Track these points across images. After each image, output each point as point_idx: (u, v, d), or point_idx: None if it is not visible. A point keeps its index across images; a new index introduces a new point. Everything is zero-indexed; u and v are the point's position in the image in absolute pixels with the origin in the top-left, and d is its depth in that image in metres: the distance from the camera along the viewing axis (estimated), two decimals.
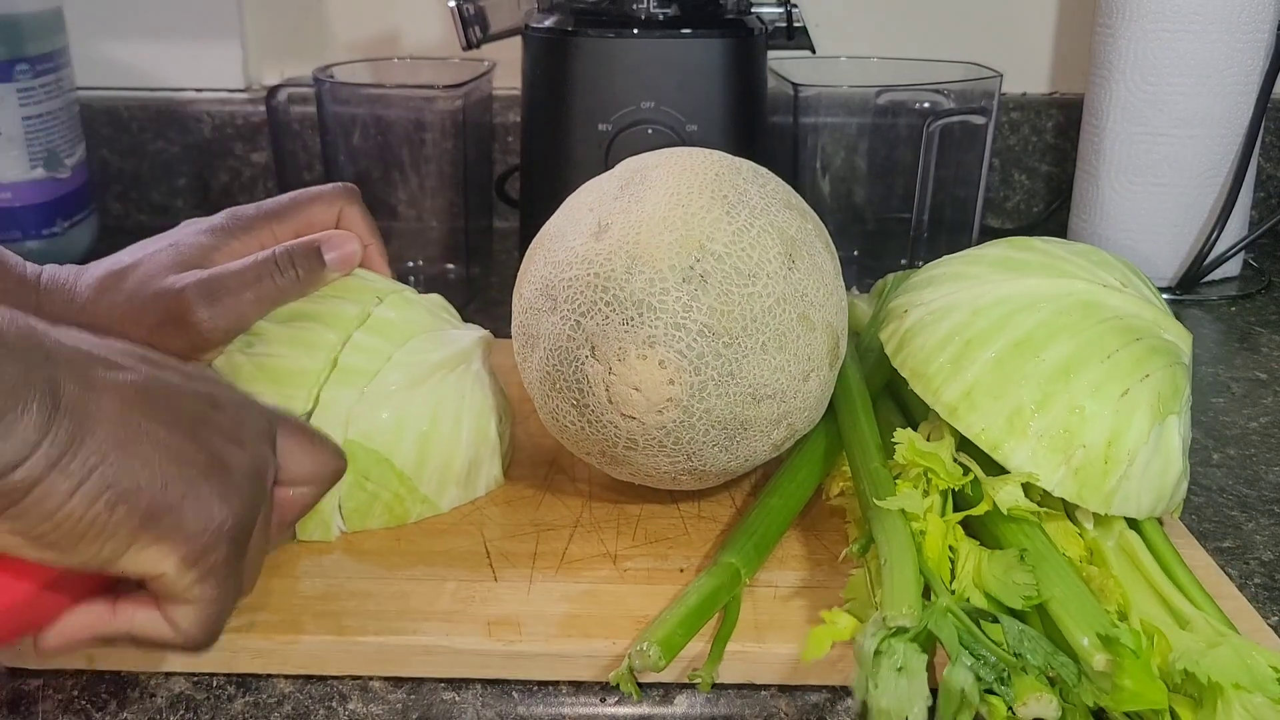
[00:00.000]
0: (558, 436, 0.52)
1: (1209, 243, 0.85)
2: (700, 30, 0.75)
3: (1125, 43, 0.84)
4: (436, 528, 0.53)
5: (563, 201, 0.53)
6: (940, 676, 0.40)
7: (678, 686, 0.45)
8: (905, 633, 0.40)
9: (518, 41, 0.80)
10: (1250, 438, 0.65)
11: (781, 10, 0.81)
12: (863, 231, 0.87)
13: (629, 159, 0.53)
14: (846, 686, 0.44)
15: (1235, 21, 0.81)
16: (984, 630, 0.41)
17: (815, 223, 0.52)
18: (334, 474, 0.43)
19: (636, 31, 0.74)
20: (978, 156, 0.82)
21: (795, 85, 0.81)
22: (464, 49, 0.81)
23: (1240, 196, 0.85)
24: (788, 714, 0.44)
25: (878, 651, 0.39)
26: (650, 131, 0.74)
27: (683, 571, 0.49)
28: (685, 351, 0.46)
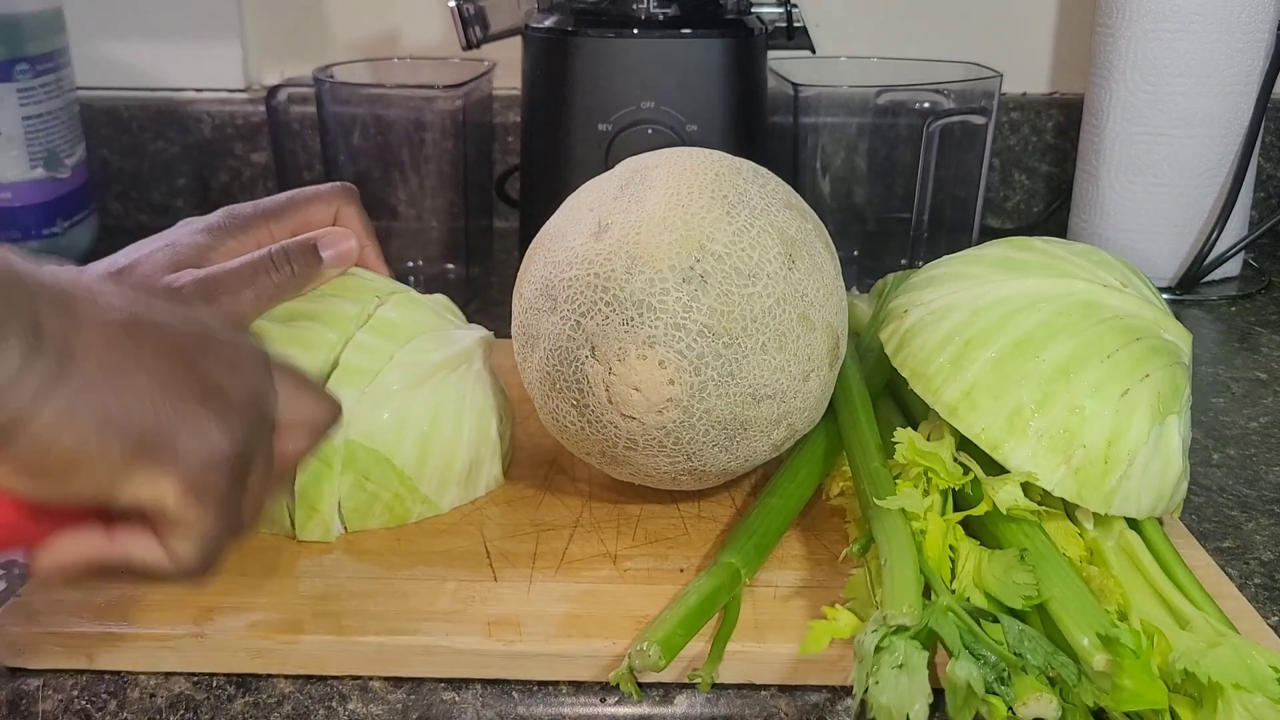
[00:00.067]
0: (558, 436, 0.52)
1: (1209, 243, 0.85)
2: (700, 30, 0.75)
3: (1125, 43, 0.84)
4: (436, 528, 0.53)
5: (563, 201, 0.53)
6: (940, 675, 0.40)
7: (678, 686, 0.45)
8: (906, 631, 0.40)
9: (518, 41, 0.80)
10: (1250, 438, 0.65)
11: (781, 10, 0.81)
12: (863, 231, 0.87)
13: (629, 159, 0.53)
14: (846, 686, 0.44)
15: (1235, 21, 0.81)
16: (984, 630, 0.41)
17: (815, 223, 0.52)
18: (330, 421, 0.43)
19: (636, 31, 0.74)
20: (978, 156, 0.82)
21: (795, 85, 0.81)
22: (464, 49, 0.81)
23: (1240, 196, 0.85)
24: (788, 714, 0.44)
25: (878, 648, 0.39)
26: (650, 131, 0.74)
27: (683, 571, 0.49)
28: (685, 352, 0.46)
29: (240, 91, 1.01)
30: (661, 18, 0.75)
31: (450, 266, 0.84)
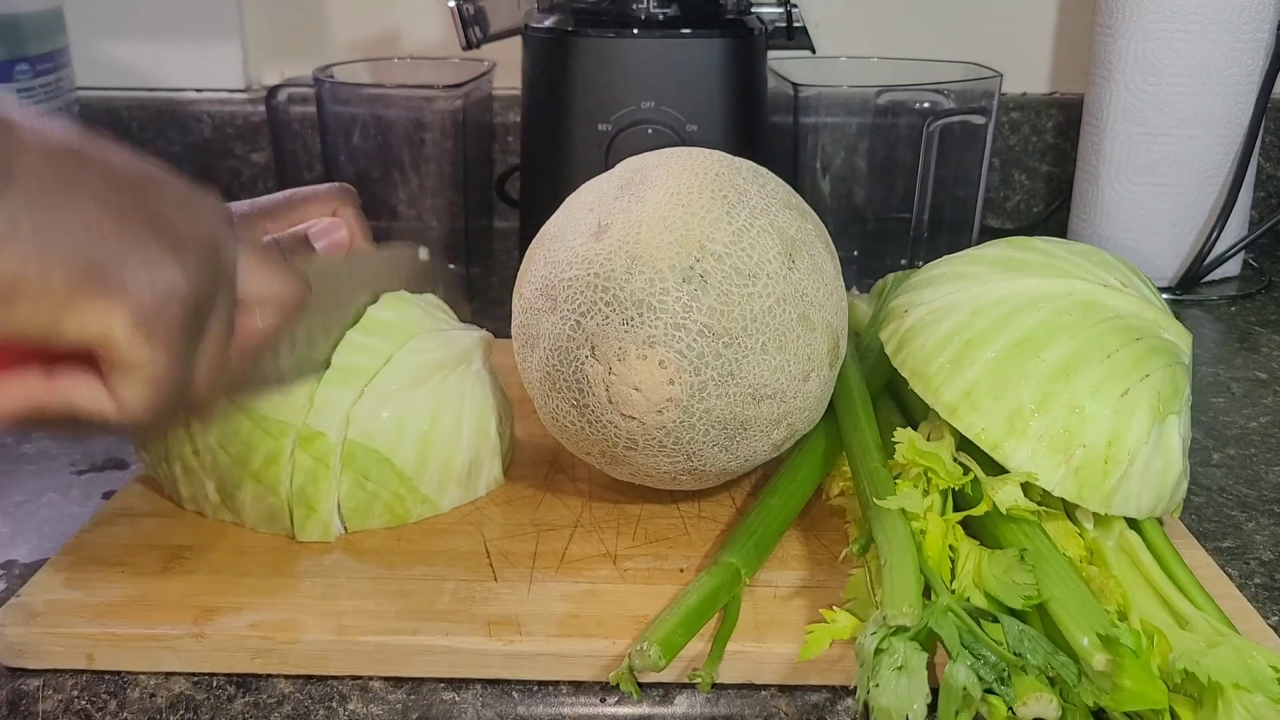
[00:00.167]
0: (558, 436, 0.52)
1: (1209, 243, 0.85)
2: (700, 30, 0.75)
3: (1125, 43, 0.84)
4: (436, 528, 0.53)
5: (563, 201, 0.53)
6: (940, 676, 0.40)
7: (678, 686, 0.45)
8: (906, 631, 0.40)
9: (518, 41, 0.80)
10: (1250, 438, 0.65)
11: (781, 10, 0.81)
12: (863, 231, 0.87)
13: (629, 159, 0.53)
14: (846, 686, 0.44)
15: (1235, 21, 0.81)
16: (984, 630, 0.41)
17: (815, 223, 0.52)
18: (297, 299, 0.41)
19: (636, 31, 0.75)
20: (978, 156, 0.82)
21: (795, 85, 0.81)
22: (464, 49, 0.81)
23: (1240, 196, 0.85)
24: (788, 714, 0.44)
25: (878, 650, 0.39)
26: (650, 131, 0.74)
27: (683, 571, 0.49)
28: (685, 351, 0.46)
29: (240, 91, 1.01)
30: (661, 18, 0.75)
31: (450, 266, 0.84)
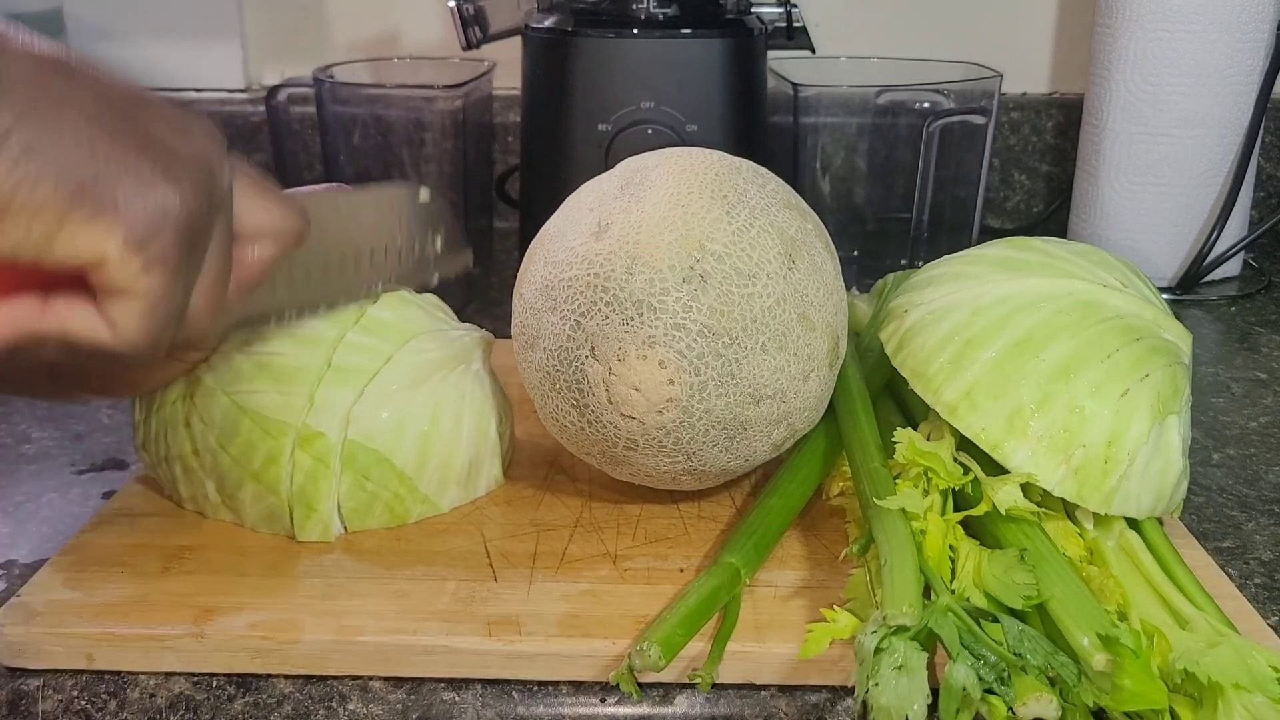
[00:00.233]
0: (558, 436, 0.52)
1: (1209, 243, 0.85)
2: (700, 30, 0.75)
3: (1125, 43, 0.84)
4: (436, 528, 0.53)
5: (563, 201, 0.53)
6: (940, 676, 0.40)
7: (678, 686, 0.45)
8: (906, 631, 0.40)
9: (518, 41, 0.80)
10: (1250, 438, 0.65)
11: (781, 10, 0.81)
12: (863, 231, 0.87)
13: (629, 159, 0.53)
14: (846, 686, 0.44)
15: (1235, 21, 0.81)
16: (984, 630, 0.41)
17: (815, 223, 0.52)
18: (296, 231, 0.40)
19: (636, 31, 0.75)
20: (978, 156, 0.82)
21: (795, 85, 0.81)
22: (464, 49, 0.81)
23: (1240, 196, 0.85)
24: (788, 714, 0.44)
25: (878, 649, 0.39)
26: (650, 131, 0.74)
27: (683, 571, 0.49)
28: (685, 352, 0.46)
29: (240, 91, 1.01)
30: (661, 18, 0.75)
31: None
